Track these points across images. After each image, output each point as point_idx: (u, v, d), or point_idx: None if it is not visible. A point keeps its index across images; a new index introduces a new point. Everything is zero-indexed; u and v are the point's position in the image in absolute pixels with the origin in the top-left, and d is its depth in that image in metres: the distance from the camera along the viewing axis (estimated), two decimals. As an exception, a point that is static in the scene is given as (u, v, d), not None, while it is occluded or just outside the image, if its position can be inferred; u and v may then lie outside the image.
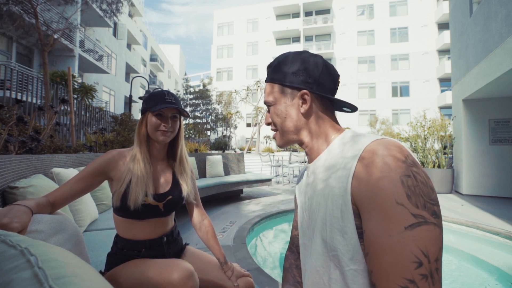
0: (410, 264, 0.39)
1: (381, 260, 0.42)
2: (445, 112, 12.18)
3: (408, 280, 0.39)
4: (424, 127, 6.06)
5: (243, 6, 27.38)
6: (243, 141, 25.32)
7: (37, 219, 0.74)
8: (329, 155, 0.58)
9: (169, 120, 1.01)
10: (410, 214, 0.41)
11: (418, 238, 0.40)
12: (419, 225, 0.41)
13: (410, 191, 0.42)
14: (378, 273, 0.42)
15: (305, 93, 0.60)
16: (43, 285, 0.28)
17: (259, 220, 3.25)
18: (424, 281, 0.39)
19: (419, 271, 0.39)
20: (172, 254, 1.07)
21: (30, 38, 7.63)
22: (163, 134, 1.00)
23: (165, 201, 1.02)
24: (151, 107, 0.99)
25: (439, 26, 21.23)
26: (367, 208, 0.45)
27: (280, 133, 0.65)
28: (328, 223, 0.52)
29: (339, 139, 0.59)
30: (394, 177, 0.43)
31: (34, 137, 1.82)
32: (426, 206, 0.42)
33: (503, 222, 3.31)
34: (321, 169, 0.58)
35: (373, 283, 0.43)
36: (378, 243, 0.43)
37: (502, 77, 4.02)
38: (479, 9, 4.77)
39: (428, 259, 0.40)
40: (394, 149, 0.46)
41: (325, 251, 0.53)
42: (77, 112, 6.65)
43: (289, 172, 7.13)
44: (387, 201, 0.42)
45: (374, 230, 0.43)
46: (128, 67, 19.97)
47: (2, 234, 0.38)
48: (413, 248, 0.40)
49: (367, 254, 0.45)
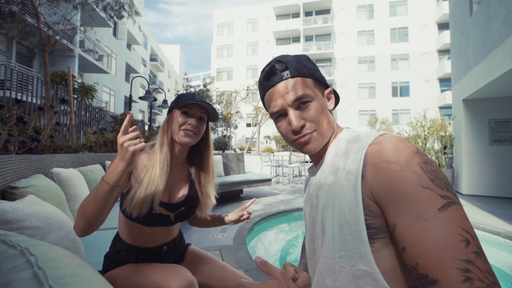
0: (459, 243, 0.37)
1: (424, 248, 0.39)
2: (445, 112, 12.17)
3: (464, 260, 0.36)
4: (424, 127, 6.06)
5: (243, 6, 27.38)
6: (243, 141, 25.31)
7: (35, 216, 0.74)
8: (334, 155, 0.57)
9: (195, 120, 0.94)
10: (439, 195, 0.41)
11: (454, 217, 0.39)
12: (450, 205, 0.40)
13: (432, 175, 0.42)
14: (428, 263, 0.38)
15: (332, 90, 0.61)
16: (43, 285, 0.28)
17: (259, 220, 3.25)
18: (478, 258, 0.37)
19: (471, 249, 0.37)
20: (171, 262, 1.03)
21: (31, 38, 7.63)
22: (187, 134, 0.92)
23: (178, 212, 0.96)
24: (178, 104, 0.93)
25: (439, 26, 21.22)
26: (392, 201, 0.43)
27: (319, 133, 0.57)
28: (337, 222, 0.50)
29: (342, 138, 0.59)
30: (413, 165, 0.43)
31: (34, 137, 1.82)
32: (448, 188, 0.42)
33: (503, 222, 3.31)
34: (327, 170, 0.57)
35: (422, 274, 0.39)
36: (415, 232, 0.40)
37: (502, 77, 4.02)
38: (479, 9, 4.77)
39: (471, 236, 0.38)
40: (401, 140, 0.47)
41: (331, 254, 0.52)
42: (77, 112, 6.65)
43: (289, 172, 7.12)
44: (412, 187, 0.41)
45: (405, 219, 0.41)
46: (128, 67, 19.97)
47: (2, 234, 0.38)
48: (455, 228, 0.38)
49: (404, 249, 0.42)
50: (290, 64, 0.57)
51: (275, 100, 0.58)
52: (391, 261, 0.45)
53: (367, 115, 22.39)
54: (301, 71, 0.57)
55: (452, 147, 6.18)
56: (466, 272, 0.36)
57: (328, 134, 0.59)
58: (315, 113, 0.56)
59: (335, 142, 0.59)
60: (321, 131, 0.57)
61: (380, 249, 0.46)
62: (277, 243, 2.88)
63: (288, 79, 0.56)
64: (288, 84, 0.56)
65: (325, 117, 0.57)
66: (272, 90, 0.58)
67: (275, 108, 0.58)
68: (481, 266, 0.36)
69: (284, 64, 0.58)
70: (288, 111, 0.56)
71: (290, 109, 0.56)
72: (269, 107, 0.60)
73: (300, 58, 0.60)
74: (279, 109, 0.58)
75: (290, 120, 0.56)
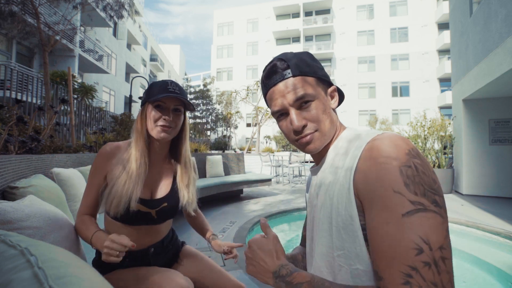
0: (411, 250, 0.38)
1: (381, 249, 0.41)
2: (445, 112, 12.16)
3: (410, 267, 0.38)
4: (424, 127, 6.06)
5: (243, 6, 27.40)
6: (243, 141, 25.31)
7: (35, 216, 0.74)
8: (335, 155, 0.57)
9: (170, 113, 0.87)
10: (408, 201, 0.40)
11: (417, 224, 0.39)
12: (418, 212, 0.40)
13: (409, 180, 0.42)
14: (381, 263, 0.41)
15: (335, 88, 0.61)
16: (43, 285, 0.28)
17: (259, 220, 3.25)
18: (427, 268, 0.37)
19: (421, 258, 0.38)
20: (162, 264, 0.98)
21: (31, 38, 7.63)
22: (163, 129, 0.86)
23: (159, 208, 0.91)
24: (150, 97, 0.86)
25: (439, 26, 21.23)
26: (369, 201, 0.44)
27: (321, 133, 0.57)
28: (334, 221, 0.50)
29: (343, 137, 0.58)
30: (393, 167, 0.43)
31: (34, 137, 1.82)
32: (426, 194, 0.41)
33: (503, 222, 3.31)
34: (327, 170, 0.57)
35: (377, 274, 0.42)
36: (378, 233, 0.42)
37: (502, 77, 4.02)
38: (479, 9, 4.77)
39: (429, 246, 0.38)
40: (398, 140, 0.45)
41: (330, 252, 0.52)
42: (77, 112, 6.65)
43: (289, 172, 7.12)
44: (385, 190, 0.42)
45: (374, 221, 0.43)
46: (128, 67, 19.97)
47: (2, 234, 0.38)
48: (412, 235, 0.39)
49: (370, 247, 0.44)
50: (291, 62, 0.57)
51: (276, 100, 0.57)
52: None
53: (367, 115, 22.40)
54: (303, 70, 0.56)
55: (452, 147, 6.18)
56: (408, 277, 0.38)
57: (331, 133, 0.58)
58: (317, 113, 0.55)
59: (337, 141, 0.59)
60: (323, 131, 0.56)
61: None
62: (277, 243, 2.87)
63: (290, 78, 0.56)
64: (289, 83, 0.56)
65: (327, 116, 0.57)
66: (273, 89, 0.58)
67: (276, 107, 0.58)
68: (427, 277, 0.37)
69: (285, 63, 0.57)
70: (290, 110, 0.56)
71: (291, 108, 0.56)
72: (271, 105, 0.60)
73: (303, 55, 0.59)
74: (280, 108, 0.57)
75: (291, 119, 0.56)
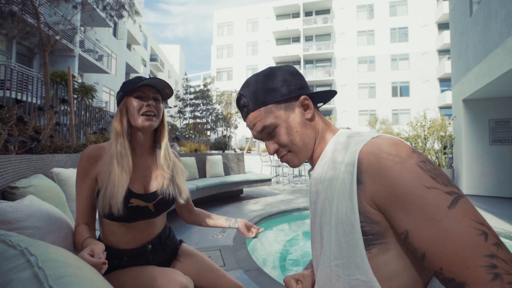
0: (478, 238, 0.36)
1: (445, 250, 0.37)
2: (445, 112, 12.15)
3: (488, 256, 0.35)
4: (424, 127, 6.06)
5: (243, 6, 27.39)
6: (243, 141, 25.31)
7: (35, 216, 0.74)
8: (328, 160, 0.56)
9: (151, 100, 0.89)
10: (445, 193, 0.39)
11: (466, 211, 0.38)
12: (458, 200, 0.39)
13: (433, 173, 0.41)
14: (452, 266, 0.37)
15: (305, 98, 0.59)
16: (43, 285, 0.28)
17: (259, 220, 3.25)
18: (500, 249, 0.35)
19: (491, 241, 0.35)
20: (161, 262, 0.98)
21: (31, 38, 7.63)
22: (148, 118, 0.88)
23: (156, 201, 0.91)
24: (128, 89, 0.88)
25: (439, 26, 21.22)
26: (399, 207, 0.41)
27: (294, 153, 0.59)
28: (334, 230, 0.49)
29: (333, 142, 0.58)
30: (412, 166, 0.42)
31: (34, 137, 1.82)
32: (450, 182, 0.41)
33: (503, 222, 3.31)
34: (323, 176, 0.56)
35: (449, 278, 0.38)
36: (431, 235, 0.38)
37: (502, 77, 4.02)
38: (479, 9, 4.77)
39: (487, 226, 0.37)
40: (395, 142, 0.46)
41: (327, 262, 0.51)
42: (77, 112, 6.65)
43: (289, 172, 7.12)
44: (417, 189, 0.40)
45: (417, 224, 0.40)
46: (128, 67, 19.97)
47: (2, 234, 0.38)
48: (469, 222, 0.37)
49: (423, 255, 0.40)
50: (248, 95, 0.59)
51: (251, 130, 0.63)
52: (391, 266, 0.44)
53: (367, 115, 22.39)
54: (259, 101, 0.58)
55: (452, 147, 6.18)
56: (493, 269, 0.34)
57: (307, 146, 0.59)
58: (282, 137, 0.58)
59: (335, 137, 0.58)
60: (295, 150, 0.59)
61: (377, 255, 0.45)
62: (277, 243, 2.88)
63: (250, 113, 0.60)
64: (250, 120, 0.60)
65: (297, 135, 0.58)
66: (246, 123, 0.64)
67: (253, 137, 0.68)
68: (505, 257, 0.35)
69: (244, 98, 0.60)
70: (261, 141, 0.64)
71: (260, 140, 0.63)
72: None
73: (259, 82, 0.59)
74: (256, 138, 0.64)
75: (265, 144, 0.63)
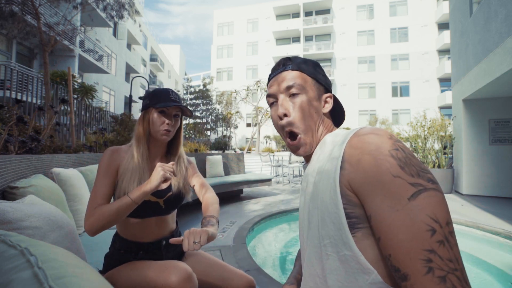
0: (425, 233, 0.38)
1: (396, 239, 0.40)
2: (445, 112, 12.15)
3: (427, 250, 0.37)
4: (424, 127, 6.06)
5: (243, 6, 27.39)
6: (243, 141, 25.31)
7: (35, 216, 0.74)
8: (321, 152, 0.59)
9: (172, 118, 1.01)
10: (408, 184, 0.41)
11: (424, 205, 0.39)
12: (420, 193, 0.40)
13: (402, 162, 0.43)
14: (399, 255, 0.39)
15: (330, 96, 0.64)
16: (43, 285, 0.28)
17: (259, 220, 3.24)
18: (442, 247, 0.37)
19: (435, 238, 0.38)
20: (171, 258, 1.06)
21: (32, 38, 7.63)
22: (165, 133, 0.99)
23: (166, 198, 1.01)
24: (155, 104, 0.98)
25: (439, 26, 21.22)
26: (368, 192, 0.44)
27: (303, 132, 0.61)
28: (320, 212, 0.52)
29: (330, 135, 0.61)
30: (384, 153, 0.43)
31: (34, 137, 1.82)
32: (420, 174, 0.42)
33: (503, 222, 3.31)
34: (315, 166, 0.59)
35: (395, 267, 0.40)
36: (388, 223, 0.41)
37: (502, 77, 4.02)
38: (479, 9, 4.77)
39: (439, 224, 0.38)
40: (378, 130, 0.48)
41: (317, 242, 0.53)
42: (77, 112, 6.65)
43: (289, 172, 7.12)
44: (383, 177, 0.42)
45: (379, 210, 0.42)
46: (128, 67, 19.97)
47: (2, 234, 0.38)
48: (423, 217, 0.39)
49: (379, 239, 0.43)
50: (296, 61, 0.64)
51: (272, 86, 0.65)
52: (373, 251, 0.46)
53: (367, 115, 22.40)
54: (303, 68, 0.63)
55: (452, 147, 6.18)
56: (428, 263, 0.37)
57: (307, 130, 0.61)
58: (300, 104, 0.60)
59: (323, 140, 0.62)
60: (305, 127, 0.60)
61: (362, 240, 0.46)
62: (277, 243, 2.88)
63: (289, 70, 0.63)
64: (287, 74, 0.63)
65: (309, 114, 0.61)
66: (273, 78, 0.65)
67: (269, 91, 0.65)
68: (443, 254, 0.37)
69: (290, 60, 0.65)
70: (279, 96, 0.63)
71: (280, 95, 0.63)
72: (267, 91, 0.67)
73: (308, 60, 0.65)
74: (272, 93, 0.64)
75: (278, 104, 0.63)
